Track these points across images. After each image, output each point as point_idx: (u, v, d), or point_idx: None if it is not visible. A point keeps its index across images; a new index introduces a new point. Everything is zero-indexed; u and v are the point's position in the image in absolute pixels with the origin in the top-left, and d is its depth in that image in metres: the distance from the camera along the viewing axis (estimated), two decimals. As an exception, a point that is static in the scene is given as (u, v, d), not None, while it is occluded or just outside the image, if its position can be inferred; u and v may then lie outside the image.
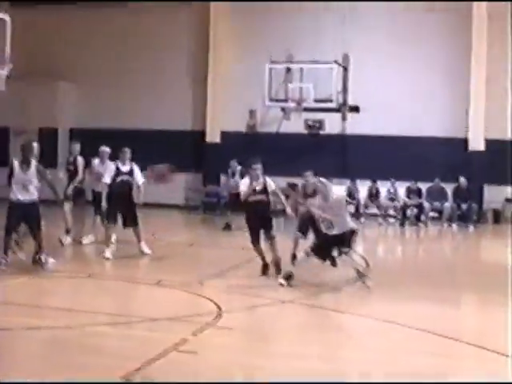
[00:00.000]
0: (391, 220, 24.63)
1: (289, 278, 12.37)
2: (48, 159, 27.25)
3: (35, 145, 13.93)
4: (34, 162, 13.37)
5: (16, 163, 13.35)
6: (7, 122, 28.74)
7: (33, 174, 13.27)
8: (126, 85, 27.83)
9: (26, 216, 13.32)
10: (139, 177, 15.45)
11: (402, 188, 24.54)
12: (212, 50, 26.96)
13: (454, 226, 23.61)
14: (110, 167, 15.69)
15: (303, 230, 14.27)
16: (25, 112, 28.40)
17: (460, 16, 24.93)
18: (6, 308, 10.48)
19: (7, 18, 17.51)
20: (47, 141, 27.87)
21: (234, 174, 20.98)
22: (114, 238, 15.54)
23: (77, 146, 17.47)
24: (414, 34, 25.40)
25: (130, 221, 15.40)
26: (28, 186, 13.24)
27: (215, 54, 26.96)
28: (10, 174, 13.33)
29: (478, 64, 24.83)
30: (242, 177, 17.08)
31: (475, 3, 24.75)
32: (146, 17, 27.81)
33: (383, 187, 24.70)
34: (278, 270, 13.15)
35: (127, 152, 15.45)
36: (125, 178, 15.35)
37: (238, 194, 13.85)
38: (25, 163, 13.25)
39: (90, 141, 26.02)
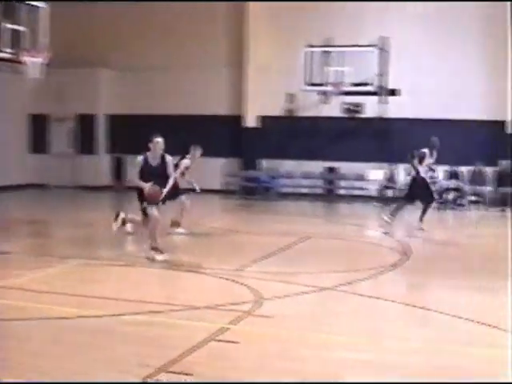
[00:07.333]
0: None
1: None
2: (86, 145, 27.76)
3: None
4: None
5: None
6: (46, 109, 28.97)
7: None
8: (163, 71, 27.80)
9: None
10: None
11: (441, 172, 24.33)
12: (249, 35, 26.83)
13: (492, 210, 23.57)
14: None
15: None
16: (64, 99, 28.59)
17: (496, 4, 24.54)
18: (44, 297, 10.54)
19: (45, 5, 17.49)
20: (85, 127, 28.26)
21: None
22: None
23: None
24: (454, 19, 25.04)
25: None
26: None
27: (252, 39, 26.81)
28: None
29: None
30: None
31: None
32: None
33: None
34: None
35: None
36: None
37: None
38: None
39: (128, 127, 26.60)
